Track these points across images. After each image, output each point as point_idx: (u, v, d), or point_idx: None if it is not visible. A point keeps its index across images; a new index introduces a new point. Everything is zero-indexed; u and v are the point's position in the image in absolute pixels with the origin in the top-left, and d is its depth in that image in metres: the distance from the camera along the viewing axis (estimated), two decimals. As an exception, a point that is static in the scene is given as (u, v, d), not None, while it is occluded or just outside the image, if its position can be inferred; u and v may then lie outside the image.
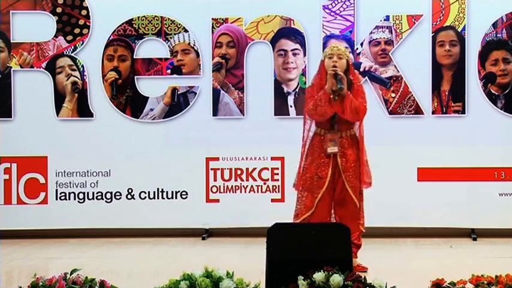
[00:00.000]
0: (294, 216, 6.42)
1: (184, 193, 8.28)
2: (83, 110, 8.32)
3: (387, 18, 8.14)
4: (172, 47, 8.29)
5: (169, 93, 8.27)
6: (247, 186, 8.25)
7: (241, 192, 8.25)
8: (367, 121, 8.12)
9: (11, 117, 8.32)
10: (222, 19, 8.26)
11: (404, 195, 8.09)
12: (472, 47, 8.06)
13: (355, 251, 6.31)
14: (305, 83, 8.15)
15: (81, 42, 8.31)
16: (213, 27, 8.25)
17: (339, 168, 6.30)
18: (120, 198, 8.31)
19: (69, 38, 8.32)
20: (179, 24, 8.27)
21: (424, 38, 8.08)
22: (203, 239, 8.24)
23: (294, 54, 8.23)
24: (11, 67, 8.33)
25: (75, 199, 8.32)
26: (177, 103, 8.28)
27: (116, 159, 8.30)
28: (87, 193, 8.32)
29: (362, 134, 6.42)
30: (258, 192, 8.24)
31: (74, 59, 8.32)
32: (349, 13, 8.16)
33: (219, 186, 8.26)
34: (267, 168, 8.24)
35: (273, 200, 8.23)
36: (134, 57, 8.30)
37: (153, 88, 8.30)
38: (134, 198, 8.30)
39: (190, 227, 8.29)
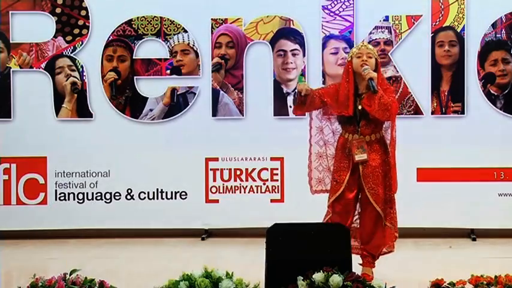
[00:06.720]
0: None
1: (183, 193, 8.28)
2: (83, 111, 8.32)
3: (386, 19, 8.14)
4: (172, 47, 8.29)
5: (168, 94, 8.27)
6: (246, 186, 8.25)
7: (240, 192, 8.25)
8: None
9: (10, 117, 8.31)
10: (222, 19, 8.26)
11: (403, 196, 8.05)
12: (471, 47, 8.05)
13: (369, 260, 6.04)
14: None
15: (80, 43, 8.31)
16: (212, 27, 8.25)
17: (359, 173, 5.96)
18: (120, 198, 8.30)
19: (69, 38, 8.32)
20: (178, 24, 8.27)
21: (423, 39, 8.08)
22: (202, 239, 8.24)
23: (294, 55, 8.23)
24: (11, 67, 8.33)
25: (74, 199, 8.32)
26: (177, 103, 8.28)
27: (115, 160, 8.30)
28: (87, 193, 8.31)
29: (394, 136, 6.00)
30: (257, 192, 8.23)
31: (73, 60, 8.32)
32: (348, 13, 8.16)
33: (219, 186, 8.26)
34: (267, 169, 8.24)
35: (272, 201, 8.22)
36: (133, 57, 8.30)
37: (153, 88, 8.30)
38: (134, 199, 8.30)
39: (189, 227, 8.29)
